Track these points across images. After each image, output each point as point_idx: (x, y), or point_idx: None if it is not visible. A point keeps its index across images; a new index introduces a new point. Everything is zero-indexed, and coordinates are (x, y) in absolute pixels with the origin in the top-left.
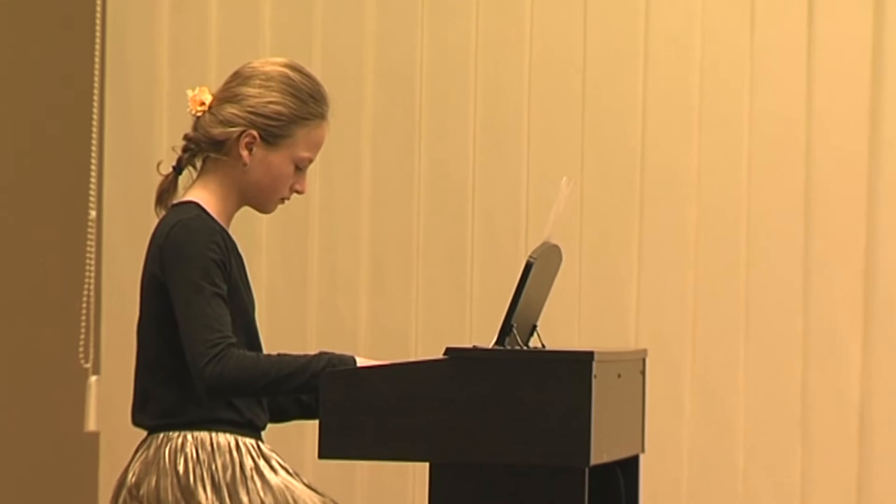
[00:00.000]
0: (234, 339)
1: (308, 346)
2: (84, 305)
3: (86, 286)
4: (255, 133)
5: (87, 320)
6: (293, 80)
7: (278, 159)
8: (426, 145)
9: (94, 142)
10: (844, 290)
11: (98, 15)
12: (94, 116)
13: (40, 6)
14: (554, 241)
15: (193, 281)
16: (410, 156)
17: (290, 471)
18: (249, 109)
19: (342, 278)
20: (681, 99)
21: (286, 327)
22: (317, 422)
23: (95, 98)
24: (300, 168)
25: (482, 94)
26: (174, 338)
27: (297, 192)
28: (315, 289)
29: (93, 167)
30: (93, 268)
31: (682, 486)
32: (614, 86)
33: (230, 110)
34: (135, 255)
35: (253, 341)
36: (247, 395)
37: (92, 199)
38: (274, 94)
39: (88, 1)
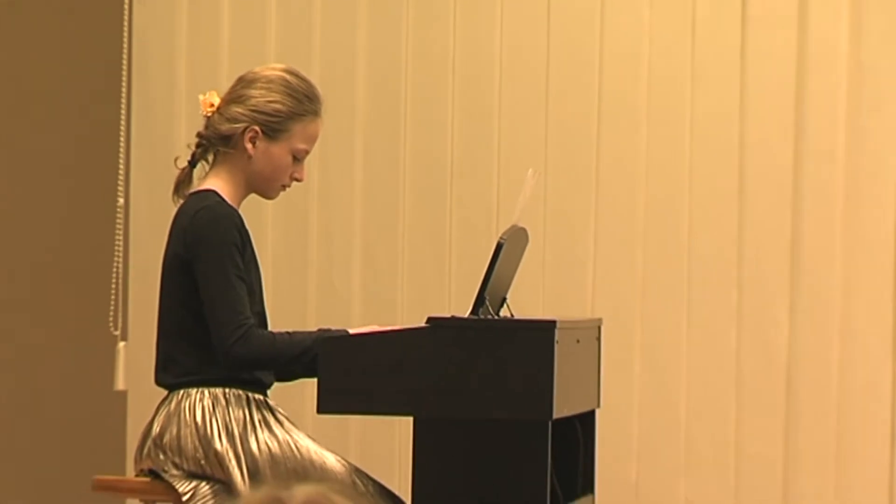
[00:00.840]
0: (253, 320)
1: (308, 316)
2: (113, 281)
3: (115, 264)
4: (257, 128)
5: (117, 294)
6: (290, 82)
7: (278, 151)
8: (411, 141)
9: (122, 139)
10: (772, 268)
11: (125, 28)
12: (122, 116)
13: (75, 21)
14: (521, 225)
15: (219, 264)
16: (396, 150)
17: (292, 423)
18: (252, 108)
19: (338, 257)
20: (631, 100)
21: (289, 300)
22: (315, 380)
23: (123, 100)
24: (298, 159)
25: (459, 97)
26: (195, 309)
27: (297, 179)
28: (314, 266)
29: (121, 161)
30: (121, 248)
31: (632, 438)
32: (573, 90)
33: (236, 109)
34: (157, 237)
35: (261, 313)
36: (265, 370)
37: (120, 188)
38: (274, 94)
39: (116, 15)
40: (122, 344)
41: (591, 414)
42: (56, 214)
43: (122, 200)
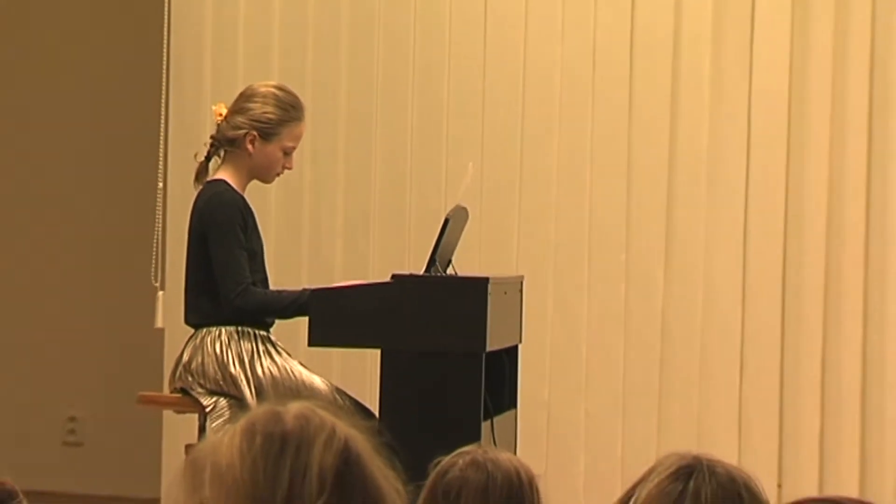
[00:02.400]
0: (251, 280)
1: (301, 276)
2: (154, 246)
3: (155, 233)
4: (255, 133)
5: (156, 255)
6: (279, 96)
7: (272, 149)
8: (380, 141)
9: (161, 140)
10: (651, 237)
11: (165, 46)
12: (161, 124)
13: (123, 30)
14: (463, 205)
15: (224, 238)
16: (369, 147)
17: (289, 353)
18: (251, 118)
19: (324, 231)
20: (546, 107)
21: (286, 263)
22: (307, 319)
23: (162, 109)
24: (287, 154)
25: (417, 107)
26: (210, 269)
27: (287, 168)
28: (306, 237)
29: (160, 155)
30: (160, 221)
31: (545, 366)
32: (504, 98)
33: (239, 119)
34: (186, 214)
35: (262, 274)
36: (259, 318)
37: (160, 174)
38: (267, 106)
39: (157, 32)
40: (160, 293)
41: (515, 348)
42: (112, 195)
43: (161, 185)
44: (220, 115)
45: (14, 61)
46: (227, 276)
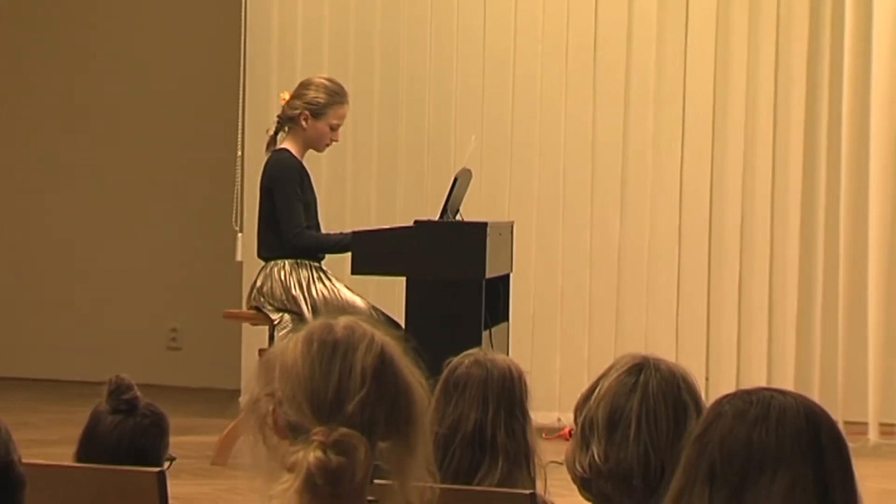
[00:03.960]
0: (305, 225)
1: (345, 221)
2: (235, 199)
3: (236, 189)
4: (308, 113)
5: (237, 206)
6: (327, 85)
7: (321, 125)
8: (406, 118)
9: (240, 115)
10: (609, 189)
11: (242, 47)
12: (241, 101)
13: (213, 35)
14: (468, 167)
15: (285, 192)
16: (396, 124)
17: (337, 280)
18: (305, 102)
19: (362, 187)
20: (529, 97)
21: (334, 211)
22: (349, 254)
23: (241, 90)
24: (333, 129)
25: (434, 94)
26: (275, 217)
27: (335, 140)
28: (349, 192)
29: (240, 128)
30: (240, 180)
31: (530, 288)
32: (499, 81)
33: (296, 102)
34: (258, 175)
35: (315, 220)
36: (312, 254)
37: (240, 144)
38: (318, 92)
39: (236, 36)
40: (239, 234)
41: (507, 276)
42: (205, 161)
43: (240, 153)
44: (284, 99)
45: (132, 56)
46: (287, 221)
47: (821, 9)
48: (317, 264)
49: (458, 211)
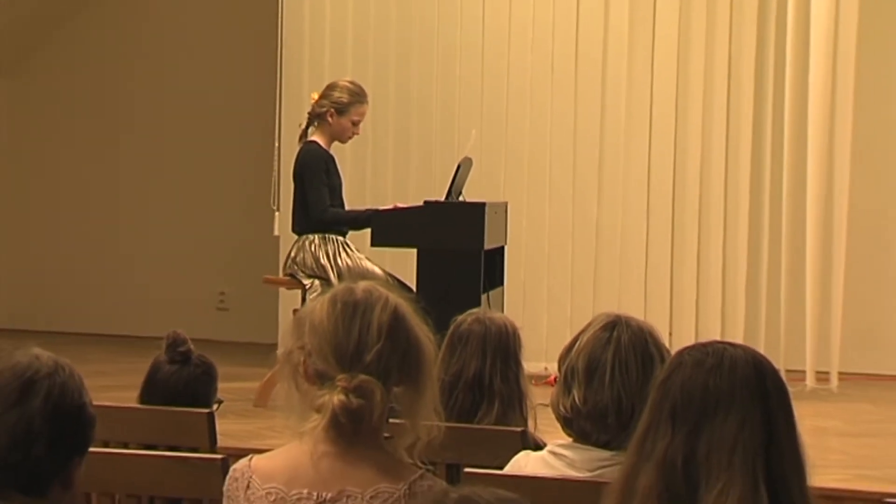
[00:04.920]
0: (329, 204)
1: (365, 199)
2: (273, 182)
3: (273, 174)
4: (333, 111)
5: (274, 188)
6: (350, 87)
7: (344, 121)
8: (417, 114)
9: (277, 111)
10: (589, 175)
11: (279, 52)
12: (277, 100)
13: (254, 40)
14: (469, 156)
15: (313, 178)
16: (408, 118)
17: (358, 251)
18: (331, 101)
19: (379, 172)
20: (520, 96)
21: (356, 191)
22: (370, 230)
23: (278, 90)
24: (355, 124)
25: (440, 93)
26: (305, 197)
27: (356, 133)
28: (369, 176)
29: (277, 123)
30: (277, 167)
31: (521, 257)
32: (494, 91)
33: (324, 101)
34: (292, 162)
35: (339, 201)
36: (336, 229)
37: (277, 136)
38: (342, 93)
39: (273, 42)
40: (276, 213)
41: (502, 248)
42: (248, 151)
43: (277, 144)
44: (314, 99)
45: (192, 64)
46: (314, 201)
47: (766, 25)
48: (342, 238)
49: (460, 193)
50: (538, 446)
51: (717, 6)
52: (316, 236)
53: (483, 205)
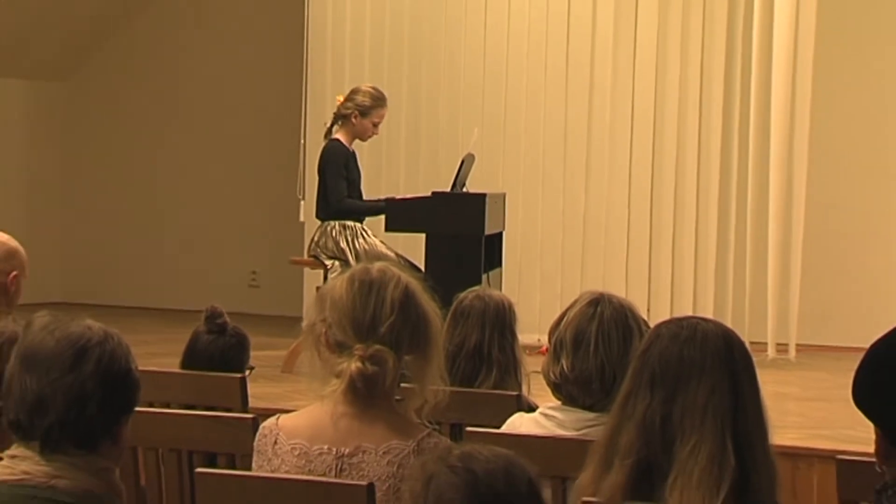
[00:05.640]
0: (346, 195)
1: (381, 189)
2: (299, 175)
3: (300, 167)
4: (357, 112)
5: (300, 180)
6: (371, 92)
7: (366, 122)
8: (425, 115)
9: (303, 112)
10: (577, 168)
11: (305, 57)
12: (303, 101)
13: (282, 46)
14: (472, 153)
15: (333, 172)
16: (418, 119)
17: (374, 236)
18: (355, 103)
19: (393, 166)
20: (517, 97)
21: (373, 183)
22: (384, 217)
23: (304, 92)
24: (375, 125)
25: (446, 97)
26: (326, 190)
27: (375, 133)
28: (384, 169)
29: (303, 122)
30: (303, 160)
31: (517, 240)
32: (494, 93)
33: (348, 103)
34: (317, 156)
35: (358, 192)
36: (352, 217)
37: (303, 134)
38: (365, 98)
39: (299, 49)
40: (302, 201)
41: (501, 233)
42: (278, 147)
43: (303, 141)
44: (339, 101)
45: (228, 71)
46: (333, 192)
47: (734, 36)
48: (360, 225)
49: (464, 185)
50: (531, 408)
51: (691, 20)
52: (336, 223)
53: (484, 195)
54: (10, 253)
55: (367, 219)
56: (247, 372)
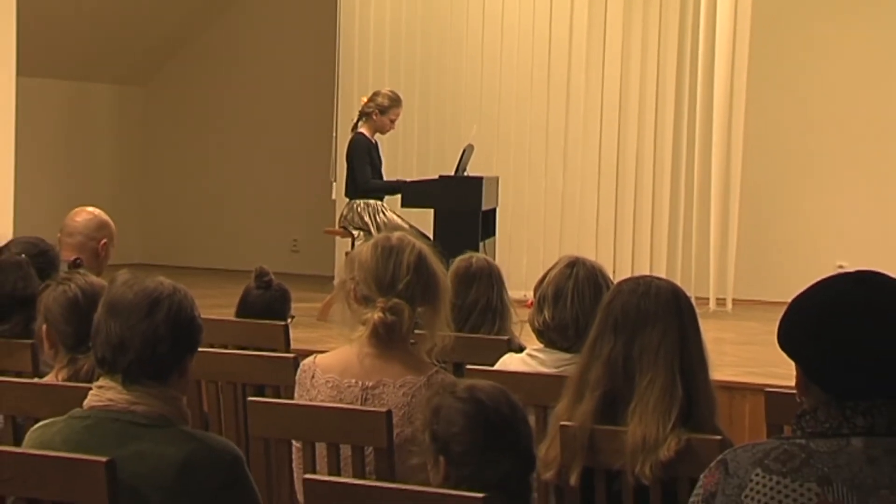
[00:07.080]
0: (370, 177)
1: (397, 172)
2: (332, 160)
3: (332, 154)
4: (377, 111)
5: (333, 164)
6: (390, 94)
7: (385, 119)
8: (434, 112)
9: (335, 109)
10: (558, 151)
11: (336, 62)
12: (335, 100)
13: (316, 50)
14: (471, 143)
15: (357, 156)
16: (427, 115)
17: (392, 211)
18: (376, 103)
19: (407, 155)
20: (510, 93)
21: (391, 167)
22: (400, 195)
23: (336, 93)
24: (392, 121)
25: (449, 97)
26: (354, 173)
27: (392, 129)
28: (400, 157)
29: (335, 118)
30: (335, 148)
31: (508, 214)
32: (489, 92)
33: (370, 103)
34: (345, 147)
35: (379, 175)
36: (375, 195)
37: (335, 127)
38: (384, 99)
39: (331, 55)
40: (333, 183)
41: (494, 209)
42: (315, 137)
43: (335, 133)
44: (363, 101)
45: (274, 75)
46: (359, 176)
47: (684, 41)
48: (381, 202)
49: (465, 170)
50: (521, 348)
51: (649, 38)
52: (361, 201)
53: (481, 178)
54: (102, 224)
55: (386, 197)
56: (289, 320)
